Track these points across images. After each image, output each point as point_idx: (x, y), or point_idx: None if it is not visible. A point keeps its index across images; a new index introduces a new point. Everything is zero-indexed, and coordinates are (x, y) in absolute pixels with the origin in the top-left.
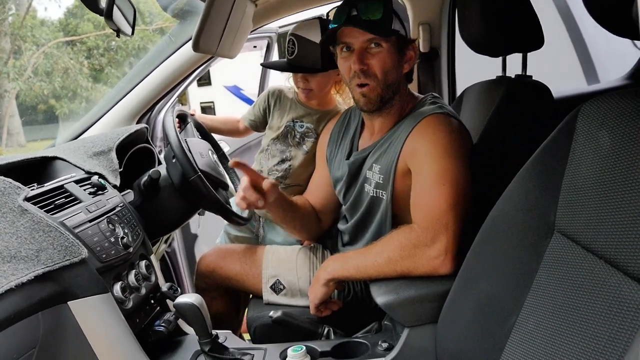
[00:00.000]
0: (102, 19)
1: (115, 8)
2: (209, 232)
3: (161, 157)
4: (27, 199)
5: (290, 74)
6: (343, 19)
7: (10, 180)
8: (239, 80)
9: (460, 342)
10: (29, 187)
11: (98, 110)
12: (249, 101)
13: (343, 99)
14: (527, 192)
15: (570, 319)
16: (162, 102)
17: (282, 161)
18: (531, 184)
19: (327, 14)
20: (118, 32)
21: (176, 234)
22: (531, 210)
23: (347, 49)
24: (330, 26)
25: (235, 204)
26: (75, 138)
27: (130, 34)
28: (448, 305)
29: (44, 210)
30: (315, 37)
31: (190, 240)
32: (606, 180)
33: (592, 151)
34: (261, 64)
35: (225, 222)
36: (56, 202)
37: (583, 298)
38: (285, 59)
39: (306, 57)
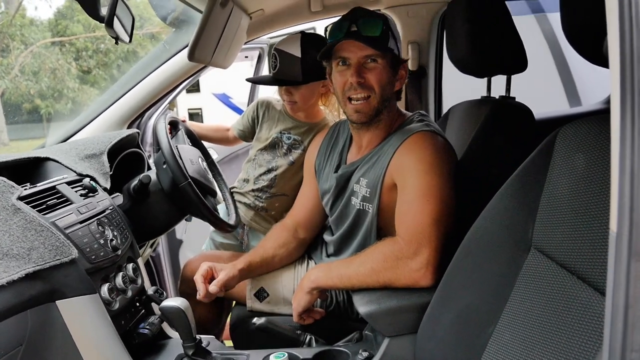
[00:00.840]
0: (92, 21)
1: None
2: (194, 238)
3: (150, 162)
4: (20, 198)
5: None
6: (342, 34)
7: (4, 179)
8: (228, 89)
9: (439, 351)
10: (22, 187)
11: (90, 113)
12: (237, 109)
13: (330, 111)
14: (506, 209)
15: (544, 330)
16: (152, 108)
17: (269, 171)
18: (511, 202)
19: (326, 28)
20: (117, 39)
21: (161, 239)
22: (510, 227)
23: (343, 63)
24: (329, 40)
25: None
26: (66, 139)
27: (128, 41)
28: (428, 316)
29: (36, 210)
30: (296, 51)
31: (175, 245)
32: (580, 201)
33: (568, 172)
34: (247, 79)
35: (212, 228)
36: (48, 203)
37: (556, 311)
38: (270, 73)
39: (288, 70)
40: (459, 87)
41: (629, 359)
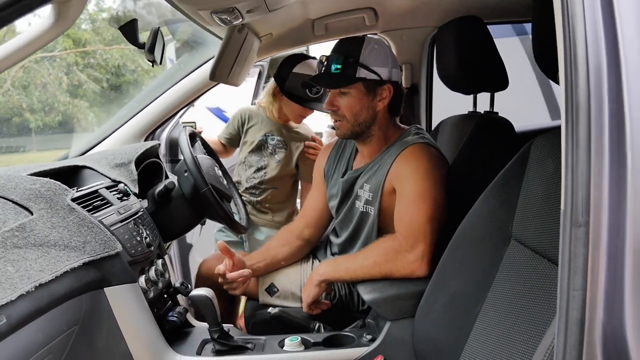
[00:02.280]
0: (82, 35)
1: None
2: (202, 243)
3: (165, 168)
4: (73, 200)
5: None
6: (320, 69)
7: (59, 183)
8: (222, 103)
9: (433, 330)
10: (72, 190)
11: (110, 127)
12: None
13: None
14: (490, 207)
15: (521, 307)
16: (165, 122)
17: (258, 170)
18: (494, 201)
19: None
20: (153, 62)
21: (173, 243)
22: (493, 223)
23: None
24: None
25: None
26: (88, 150)
27: (159, 63)
28: (424, 300)
29: (86, 210)
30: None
31: (185, 249)
32: (550, 198)
33: (540, 175)
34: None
35: (215, 230)
36: (94, 204)
37: (530, 290)
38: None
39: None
40: (449, 104)
41: (572, 295)
